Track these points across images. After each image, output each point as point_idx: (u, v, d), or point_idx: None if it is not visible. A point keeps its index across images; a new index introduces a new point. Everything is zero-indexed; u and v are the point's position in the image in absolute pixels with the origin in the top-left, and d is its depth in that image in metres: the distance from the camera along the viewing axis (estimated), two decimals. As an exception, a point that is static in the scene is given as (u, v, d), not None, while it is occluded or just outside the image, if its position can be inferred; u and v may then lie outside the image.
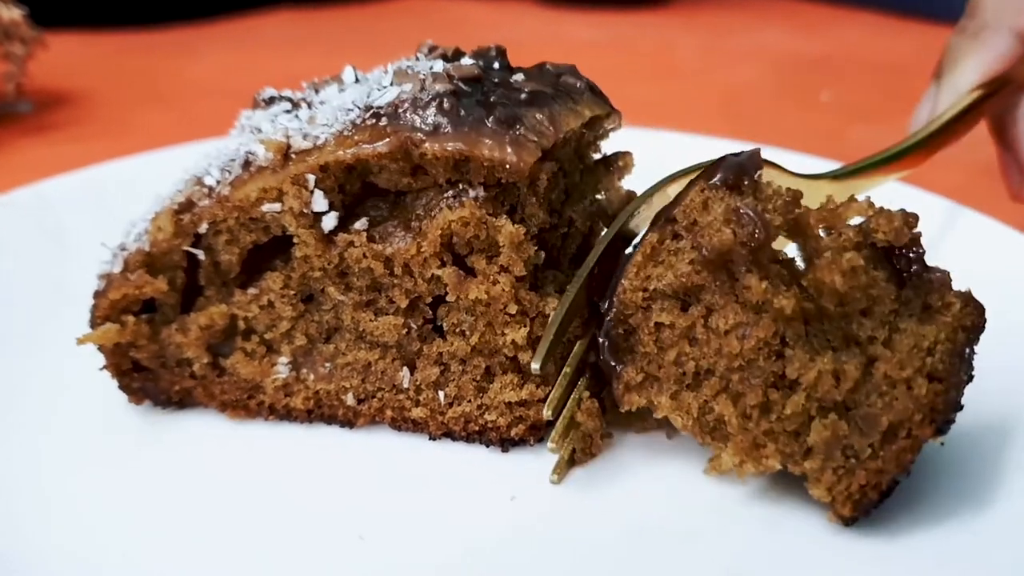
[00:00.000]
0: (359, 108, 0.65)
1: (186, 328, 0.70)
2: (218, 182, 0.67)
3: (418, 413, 0.70)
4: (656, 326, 0.63)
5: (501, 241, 0.64)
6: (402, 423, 0.71)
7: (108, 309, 0.69)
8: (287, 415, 0.73)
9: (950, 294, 0.57)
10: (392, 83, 0.66)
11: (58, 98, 1.57)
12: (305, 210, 0.65)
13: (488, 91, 0.66)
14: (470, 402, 0.69)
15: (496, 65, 0.72)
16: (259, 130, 0.68)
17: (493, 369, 0.69)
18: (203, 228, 0.67)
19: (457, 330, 0.68)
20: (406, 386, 0.70)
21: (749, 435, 0.61)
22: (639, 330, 0.63)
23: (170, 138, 1.16)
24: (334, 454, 0.69)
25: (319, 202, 0.65)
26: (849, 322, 0.58)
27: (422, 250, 0.65)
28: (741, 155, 0.63)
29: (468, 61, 0.71)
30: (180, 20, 2.11)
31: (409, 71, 0.67)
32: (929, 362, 0.56)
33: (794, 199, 0.60)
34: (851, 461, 0.57)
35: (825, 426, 0.57)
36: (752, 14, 2.40)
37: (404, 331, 0.68)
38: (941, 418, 0.56)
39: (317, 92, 0.72)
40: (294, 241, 0.67)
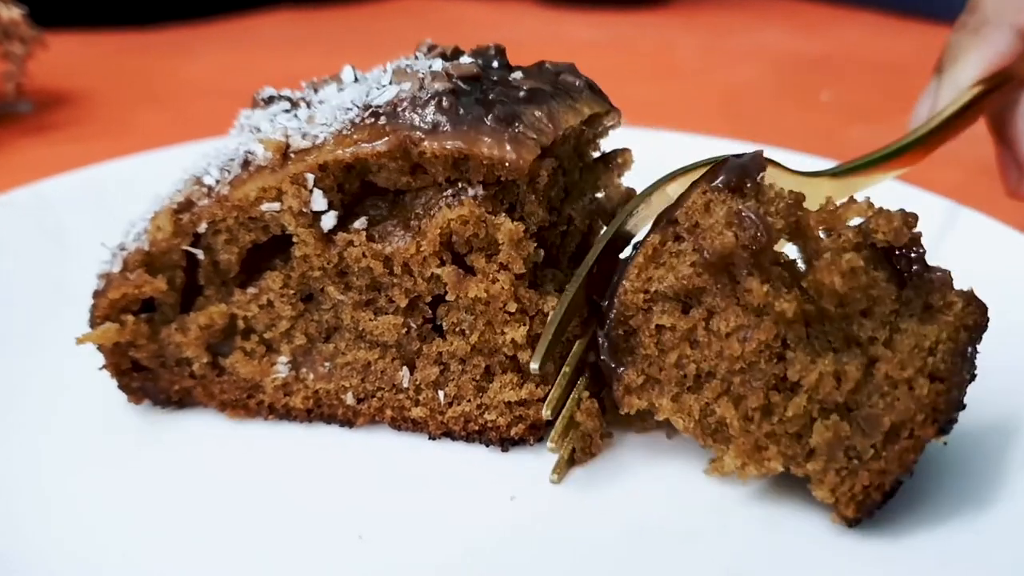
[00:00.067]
0: (358, 107, 0.65)
1: (185, 328, 0.70)
2: (217, 181, 0.67)
3: (418, 413, 0.70)
4: (657, 328, 0.63)
5: (500, 239, 0.64)
6: (402, 423, 0.71)
7: (107, 309, 0.69)
8: (287, 415, 0.73)
9: (951, 293, 0.57)
10: (391, 82, 0.66)
11: (58, 98, 1.57)
12: (304, 209, 0.65)
13: (487, 89, 0.65)
14: (470, 401, 0.69)
15: (495, 64, 0.72)
16: (258, 129, 0.68)
17: (493, 368, 0.69)
18: (202, 227, 0.67)
19: (457, 329, 0.68)
20: (406, 386, 0.70)
21: (751, 437, 0.60)
22: (640, 332, 0.63)
23: (169, 138, 1.16)
24: (334, 454, 0.69)
25: (318, 201, 0.65)
26: (850, 323, 0.58)
27: (421, 249, 0.65)
28: (743, 157, 0.62)
29: (467, 60, 0.71)
30: (180, 20, 2.11)
31: (408, 70, 0.67)
32: (931, 362, 0.56)
33: (796, 202, 0.60)
34: (854, 462, 0.57)
35: (827, 427, 0.57)
36: (752, 14, 2.40)
37: (404, 330, 0.68)
38: (943, 418, 0.56)
39: (316, 91, 0.72)
40: (293, 240, 0.67)
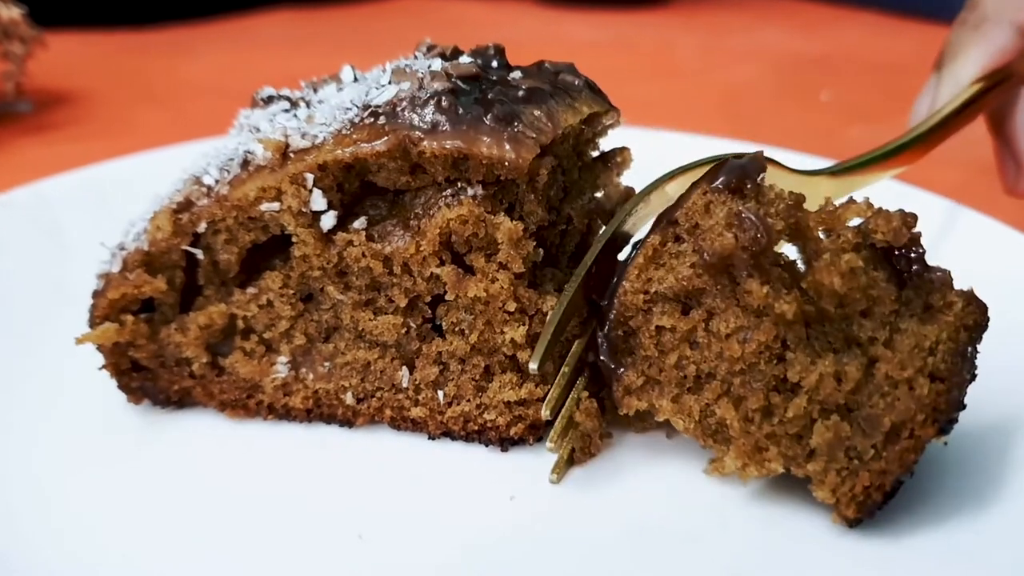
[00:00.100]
0: (357, 107, 0.65)
1: (185, 327, 0.70)
2: (217, 181, 0.67)
3: (417, 412, 0.70)
4: (657, 329, 0.63)
5: (500, 238, 0.64)
6: (401, 422, 0.71)
7: (107, 308, 0.69)
8: (286, 414, 0.73)
9: (951, 293, 0.57)
10: (390, 82, 0.66)
11: (57, 98, 1.56)
12: (304, 209, 0.65)
13: (486, 89, 0.65)
14: (469, 401, 0.69)
15: (494, 63, 0.72)
16: (257, 129, 0.68)
17: (492, 368, 0.69)
18: (202, 227, 0.67)
19: (456, 329, 0.68)
20: (405, 385, 0.70)
21: (751, 438, 0.60)
22: (639, 332, 0.63)
23: (169, 137, 1.16)
24: (333, 453, 0.69)
25: (318, 201, 0.65)
26: (850, 323, 0.58)
27: (421, 249, 0.65)
28: (744, 158, 0.62)
29: (466, 60, 0.71)
30: (179, 20, 2.11)
31: (407, 70, 0.67)
32: (931, 362, 0.56)
33: (796, 203, 0.60)
34: (854, 462, 0.57)
35: (827, 428, 0.57)
36: (752, 14, 2.40)
37: (403, 330, 0.68)
38: (944, 418, 0.56)
39: (315, 91, 0.72)
40: (293, 240, 0.67)
